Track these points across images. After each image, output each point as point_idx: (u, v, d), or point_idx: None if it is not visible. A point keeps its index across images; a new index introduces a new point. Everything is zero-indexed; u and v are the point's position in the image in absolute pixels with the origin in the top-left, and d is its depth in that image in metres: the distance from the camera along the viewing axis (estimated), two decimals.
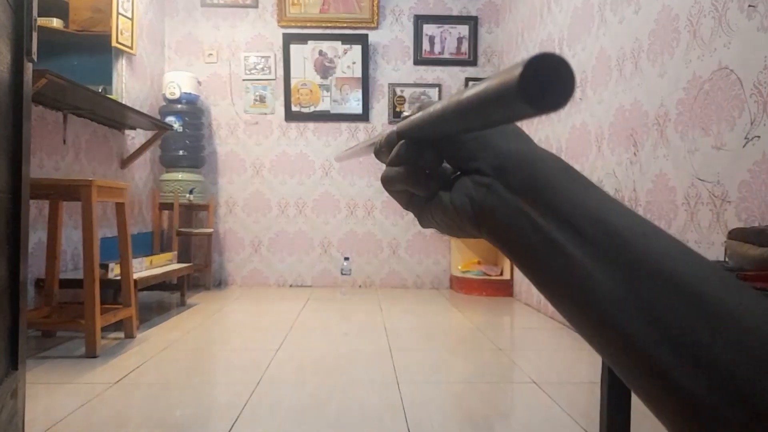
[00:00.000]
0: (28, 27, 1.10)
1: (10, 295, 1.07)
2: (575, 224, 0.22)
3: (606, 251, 0.21)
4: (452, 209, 0.27)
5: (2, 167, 1.02)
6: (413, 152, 0.27)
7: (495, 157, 0.25)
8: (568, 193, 0.23)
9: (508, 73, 0.17)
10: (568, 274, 0.22)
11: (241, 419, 1.38)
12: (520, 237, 0.23)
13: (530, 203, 0.23)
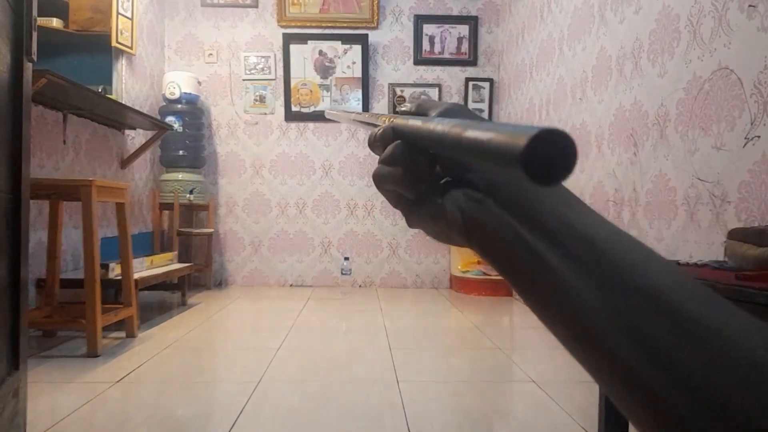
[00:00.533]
0: (27, 27, 1.10)
1: (11, 295, 1.07)
2: (560, 239, 0.22)
3: (588, 265, 0.21)
4: (442, 218, 0.27)
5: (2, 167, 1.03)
6: (407, 155, 0.27)
7: (487, 172, 0.25)
8: (554, 209, 0.23)
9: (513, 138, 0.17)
10: (553, 288, 0.22)
11: (241, 418, 1.39)
12: (509, 251, 0.24)
13: (518, 218, 0.24)
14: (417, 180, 0.28)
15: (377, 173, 0.29)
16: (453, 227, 0.27)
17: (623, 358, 0.19)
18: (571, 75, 2.57)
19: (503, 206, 0.24)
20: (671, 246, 1.73)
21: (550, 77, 2.85)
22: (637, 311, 0.20)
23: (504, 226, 0.24)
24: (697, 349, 0.18)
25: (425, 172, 0.28)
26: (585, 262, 0.21)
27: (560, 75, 2.71)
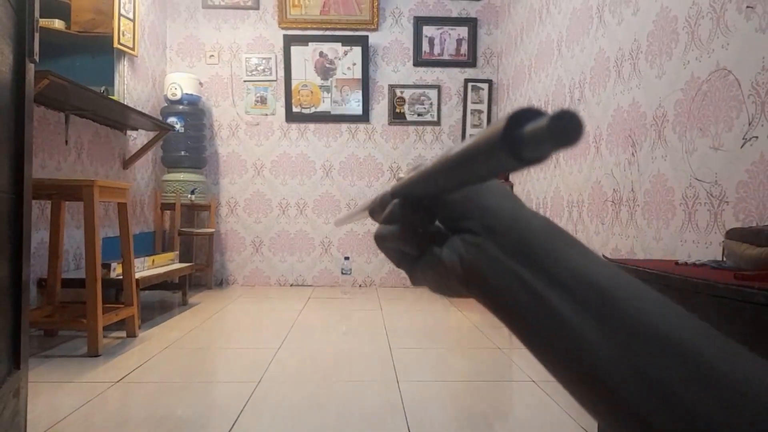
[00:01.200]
0: (29, 28, 1.11)
1: (13, 294, 1.08)
2: (565, 283, 0.22)
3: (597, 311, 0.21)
4: (442, 267, 0.26)
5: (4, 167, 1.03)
6: (406, 211, 0.27)
7: (484, 217, 0.25)
8: (557, 253, 0.23)
9: (492, 128, 0.18)
10: (556, 331, 0.22)
11: (242, 418, 1.39)
12: (510, 296, 0.23)
13: (520, 263, 0.23)
14: (415, 233, 0.28)
15: (378, 233, 0.29)
16: (452, 275, 0.26)
17: (630, 402, 0.19)
18: (569, 76, 2.58)
19: (503, 250, 0.24)
20: (669, 246, 1.73)
21: (548, 78, 2.86)
22: (646, 356, 0.19)
23: (503, 269, 0.24)
24: (708, 393, 0.18)
25: (423, 224, 0.27)
26: (589, 306, 0.21)
27: (559, 76, 2.71)
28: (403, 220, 0.27)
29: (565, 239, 0.24)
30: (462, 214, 0.26)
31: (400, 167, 3.84)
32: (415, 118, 3.82)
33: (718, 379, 0.18)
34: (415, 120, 3.82)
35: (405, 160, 3.84)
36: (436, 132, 3.84)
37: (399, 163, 3.83)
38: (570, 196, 2.55)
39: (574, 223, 2.50)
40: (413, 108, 3.82)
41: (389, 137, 3.84)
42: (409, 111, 3.82)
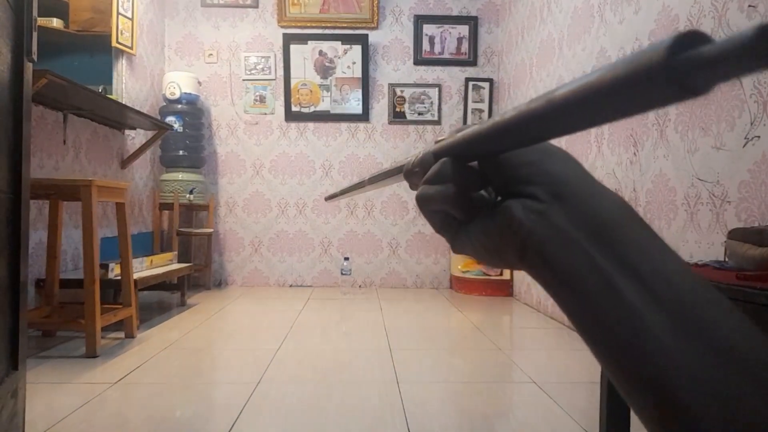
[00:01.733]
0: (28, 27, 1.10)
1: (11, 295, 1.07)
2: (640, 274, 0.20)
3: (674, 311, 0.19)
4: (496, 233, 0.24)
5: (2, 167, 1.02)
6: (458, 170, 0.25)
7: (551, 183, 0.23)
8: (634, 238, 0.21)
9: (640, 56, 0.15)
10: (624, 323, 0.20)
11: (241, 419, 1.39)
12: (572, 272, 0.22)
13: (590, 239, 0.21)
14: (466, 195, 0.26)
15: (423, 194, 0.27)
16: (508, 242, 0.24)
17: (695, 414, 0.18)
18: (570, 75, 2.57)
19: (570, 220, 0.22)
20: (671, 246, 1.73)
21: (549, 77, 2.85)
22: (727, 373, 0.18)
23: (570, 242, 0.22)
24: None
25: (476, 187, 0.26)
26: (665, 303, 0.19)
27: (560, 75, 2.71)
28: (456, 180, 0.25)
29: (645, 226, 0.22)
30: (524, 178, 0.24)
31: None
32: (415, 117, 3.82)
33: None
34: (416, 119, 3.82)
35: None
36: (437, 131, 3.83)
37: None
38: None
39: None
40: (413, 107, 3.81)
41: (389, 136, 3.83)
42: (409, 110, 3.81)
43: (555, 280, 0.22)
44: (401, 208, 3.83)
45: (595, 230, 0.21)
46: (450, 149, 0.26)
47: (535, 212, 0.23)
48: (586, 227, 0.22)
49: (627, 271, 0.20)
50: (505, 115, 0.21)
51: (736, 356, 0.18)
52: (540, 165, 0.24)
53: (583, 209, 0.22)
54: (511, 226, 0.23)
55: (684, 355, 0.19)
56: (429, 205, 0.27)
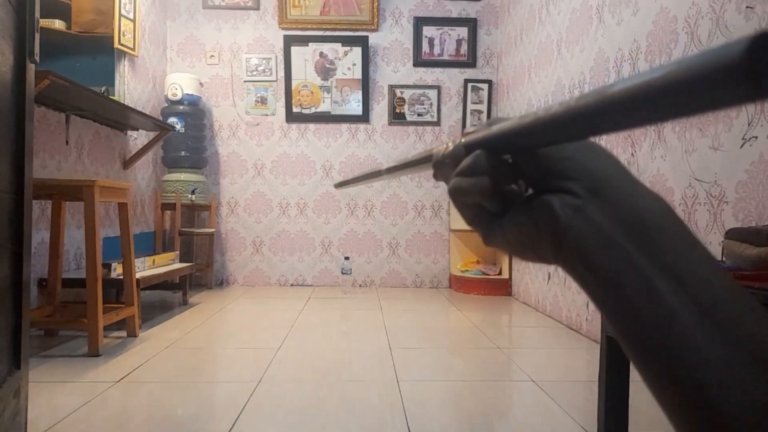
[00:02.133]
0: (30, 28, 1.12)
1: (13, 294, 1.08)
2: (678, 274, 0.20)
3: (709, 314, 0.19)
4: (532, 227, 0.24)
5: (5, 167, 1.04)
6: (494, 163, 0.25)
7: (590, 180, 0.23)
8: (672, 238, 0.21)
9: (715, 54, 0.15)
10: (661, 323, 0.20)
11: (242, 418, 1.40)
12: (609, 270, 0.21)
13: (628, 237, 0.21)
14: (502, 188, 0.25)
15: (457, 186, 0.26)
16: (544, 237, 0.24)
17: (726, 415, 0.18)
18: (569, 76, 2.58)
19: (608, 218, 0.22)
20: None
21: (548, 79, 2.86)
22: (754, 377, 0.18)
23: (608, 239, 0.21)
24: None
25: (510, 180, 0.25)
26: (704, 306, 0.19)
27: (558, 77, 2.71)
28: (491, 173, 0.25)
29: (683, 227, 0.21)
30: (562, 173, 0.23)
31: None
32: (415, 119, 3.83)
33: None
34: (415, 120, 3.83)
35: None
36: (436, 132, 3.84)
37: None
38: None
39: None
40: (413, 108, 3.82)
41: (389, 137, 3.84)
42: (409, 111, 3.82)
43: (591, 277, 0.22)
44: (401, 208, 3.84)
45: (633, 228, 0.21)
46: (484, 142, 0.25)
47: (573, 208, 0.23)
48: (624, 225, 0.21)
49: (664, 270, 0.20)
50: (551, 110, 0.21)
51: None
52: (578, 160, 0.23)
53: (622, 207, 0.22)
54: (548, 221, 0.23)
55: (717, 359, 0.19)
56: (463, 198, 0.26)
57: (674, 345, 0.19)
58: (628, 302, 0.21)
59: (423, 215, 3.84)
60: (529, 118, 0.22)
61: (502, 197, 0.26)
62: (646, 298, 0.20)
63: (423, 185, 3.84)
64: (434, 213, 3.84)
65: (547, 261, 0.25)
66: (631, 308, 0.21)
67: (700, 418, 0.19)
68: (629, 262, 0.21)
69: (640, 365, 0.21)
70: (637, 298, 0.20)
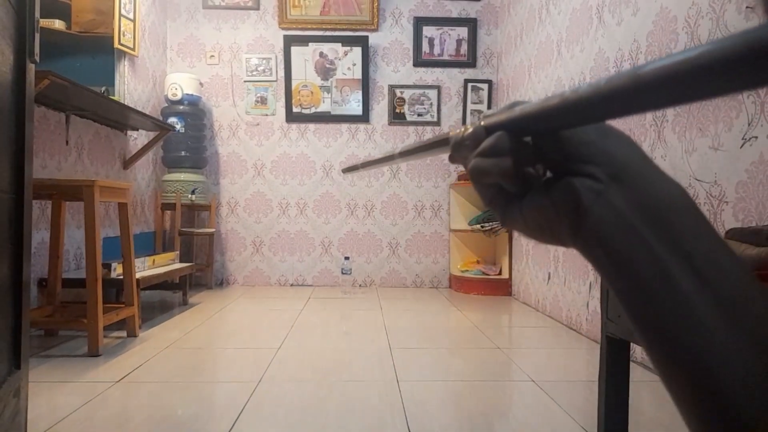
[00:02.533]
0: (30, 28, 1.12)
1: (13, 294, 1.08)
2: (694, 262, 0.20)
3: (724, 302, 0.19)
4: (551, 209, 0.24)
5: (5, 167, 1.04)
6: (516, 144, 0.25)
7: (611, 164, 0.23)
8: (690, 226, 0.21)
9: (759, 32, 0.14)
10: (675, 309, 0.20)
11: (242, 418, 1.40)
12: (626, 257, 0.22)
13: (647, 224, 0.21)
14: (523, 170, 0.25)
15: (477, 166, 0.26)
16: (564, 219, 0.24)
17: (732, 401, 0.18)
18: (569, 76, 2.58)
19: (630, 205, 0.22)
20: None
21: (548, 79, 2.86)
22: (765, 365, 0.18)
23: (626, 224, 0.22)
24: None
25: (530, 162, 0.25)
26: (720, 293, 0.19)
27: (558, 76, 2.71)
28: (513, 153, 0.25)
29: (701, 216, 0.22)
30: (583, 157, 0.23)
31: (399, 167, 3.84)
32: (415, 119, 3.83)
33: None
34: (415, 120, 3.83)
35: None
36: (436, 132, 3.84)
37: (399, 163, 3.83)
38: None
39: None
40: (413, 108, 3.82)
41: (389, 137, 3.84)
42: (409, 111, 3.83)
43: (608, 261, 0.23)
44: (401, 208, 3.84)
45: (652, 215, 0.21)
46: (505, 124, 0.25)
47: (594, 192, 0.23)
48: (644, 211, 0.22)
49: (681, 258, 0.20)
50: (579, 90, 0.21)
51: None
52: (600, 145, 0.23)
53: (642, 193, 0.22)
54: (568, 204, 0.23)
55: (729, 345, 0.19)
56: (483, 178, 0.26)
57: (684, 329, 0.20)
58: (642, 286, 0.21)
59: (423, 215, 3.84)
60: (555, 99, 0.22)
61: (522, 179, 0.26)
62: (660, 283, 0.20)
63: (423, 185, 3.84)
64: (434, 213, 3.84)
65: (564, 243, 0.25)
66: (645, 292, 0.21)
67: (706, 401, 0.19)
68: (646, 247, 0.21)
69: (651, 349, 0.21)
70: (652, 283, 0.21)
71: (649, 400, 1.56)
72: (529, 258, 3.13)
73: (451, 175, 3.83)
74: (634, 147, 0.24)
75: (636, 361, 1.90)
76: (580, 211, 0.23)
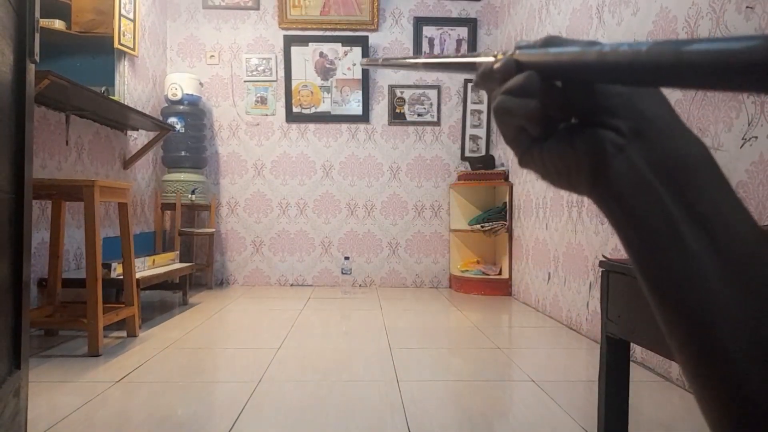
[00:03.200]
0: (30, 28, 1.12)
1: (13, 294, 1.08)
2: (707, 223, 0.20)
3: (731, 264, 0.20)
4: (573, 157, 0.24)
5: (5, 167, 1.04)
6: (547, 88, 0.25)
7: (636, 120, 0.23)
8: (708, 188, 0.21)
9: None
10: (682, 267, 0.20)
11: (242, 418, 1.40)
12: (640, 213, 0.22)
13: (664, 182, 0.22)
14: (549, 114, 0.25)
15: (502, 104, 0.25)
16: (583, 169, 0.24)
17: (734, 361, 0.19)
18: None
19: (649, 163, 0.22)
20: None
21: None
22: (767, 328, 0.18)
23: (643, 181, 0.22)
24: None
25: (556, 108, 0.25)
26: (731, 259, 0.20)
27: None
28: (541, 96, 0.25)
29: (722, 179, 0.22)
30: (611, 110, 0.23)
31: (399, 167, 3.84)
32: (415, 119, 3.83)
33: None
34: (415, 120, 3.83)
35: (405, 160, 3.84)
36: (436, 132, 3.84)
37: (399, 163, 3.84)
38: (570, 196, 2.56)
39: (573, 223, 2.50)
40: (413, 108, 3.82)
41: (389, 137, 3.84)
42: (409, 111, 3.83)
43: (621, 214, 0.23)
44: (401, 208, 3.84)
45: (670, 174, 0.22)
46: (539, 64, 0.25)
47: (616, 146, 0.23)
48: (662, 170, 0.22)
49: (694, 218, 0.21)
50: (618, 50, 0.21)
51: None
52: (629, 99, 0.23)
53: (663, 151, 0.22)
54: (590, 155, 0.24)
55: (732, 305, 0.19)
56: (507, 118, 0.26)
57: (689, 286, 0.20)
58: (651, 241, 0.22)
59: (423, 215, 3.84)
60: (593, 54, 0.22)
61: (546, 123, 0.26)
62: (670, 241, 0.21)
63: (423, 185, 3.85)
64: (434, 213, 3.84)
65: (579, 192, 0.25)
66: (654, 247, 0.21)
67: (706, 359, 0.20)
68: (659, 206, 0.21)
69: (657, 305, 0.22)
70: (661, 240, 0.21)
71: (649, 400, 1.56)
72: (529, 258, 3.13)
73: (451, 175, 3.83)
74: (664, 103, 0.24)
75: (636, 361, 1.90)
76: (600, 164, 0.23)
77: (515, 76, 0.25)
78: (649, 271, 0.22)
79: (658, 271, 0.22)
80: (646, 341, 0.96)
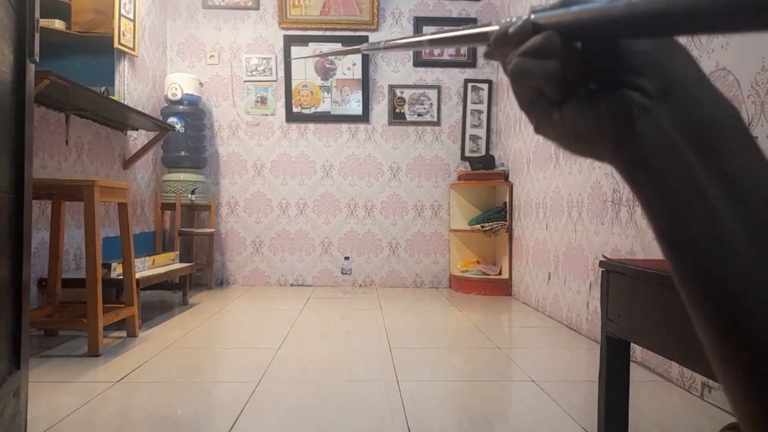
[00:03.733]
0: (30, 28, 1.12)
1: (13, 294, 1.08)
2: (735, 187, 0.20)
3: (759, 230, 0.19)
4: (594, 120, 0.23)
5: (5, 167, 1.04)
6: (568, 48, 0.23)
7: (664, 80, 0.22)
8: (740, 156, 0.20)
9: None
10: (711, 238, 0.20)
11: (242, 418, 1.40)
12: (666, 178, 0.21)
13: (692, 147, 0.21)
14: (569, 75, 0.24)
15: (519, 66, 0.24)
16: (605, 132, 0.23)
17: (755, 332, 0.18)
18: None
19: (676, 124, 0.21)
20: None
21: None
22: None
23: (669, 144, 0.21)
24: None
25: (578, 69, 0.24)
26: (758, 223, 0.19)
27: None
28: (561, 57, 0.23)
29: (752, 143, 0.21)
30: (636, 68, 0.22)
31: (399, 167, 3.84)
32: (415, 119, 3.83)
33: None
34: (415, 120, 3.83)
35: (405, 160, 3.84)
36: (436, 132, 3.84)
37: (399, 163, 3.84)
38: (570, 196, 2.56)
39: (573, 223, 2.50)
40: (413, 108, 3.82)
41: (389, 137, 3.84)
42: (409, 111, 3.83)
43: (645, 181, 0.22)
44: (401, 208, 3.84)
45: (698, 137, 0.21)
46: (558, 24, 0.23)
47: (641, 108, 0.22)
48: (690, 133, 0.21)
49: (722, 182, 0.20)
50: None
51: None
52: (656, 56, 0.22)
53: (691, 113, 0.21)
54: (614, 118, 0.22)
55: (757, 272, 0.19)
56: (524, 81, 0.25)
57: (712, 250, 0.20)
58: (676, 206, 0.21)
59: (423, 215, 3.84)
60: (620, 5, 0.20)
61: (569, 83, 0.24)
62: (695, 204, 0.20)
63: (423, 185, 3.85)
64: (434, 213, 3.84)
65: (601, 157, 0.24)
66: (681, 217, 0.21)
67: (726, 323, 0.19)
68: (687, 172, 0.21)
69: (682, 277, 0.21)
70: (687, 204, 0.20)
71: (649, 400, 1.56)
72: (529, 258, 3.13)
73: (451, 175, 3.83)
74: (692, 63, 0.23)
75: (636, 361, 1.90)
76: (624, 126, 0.22)
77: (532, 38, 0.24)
78: (674, 240, 0.21)
79: (685, 239, 0.21)
80: (646, 341, 0.96)
